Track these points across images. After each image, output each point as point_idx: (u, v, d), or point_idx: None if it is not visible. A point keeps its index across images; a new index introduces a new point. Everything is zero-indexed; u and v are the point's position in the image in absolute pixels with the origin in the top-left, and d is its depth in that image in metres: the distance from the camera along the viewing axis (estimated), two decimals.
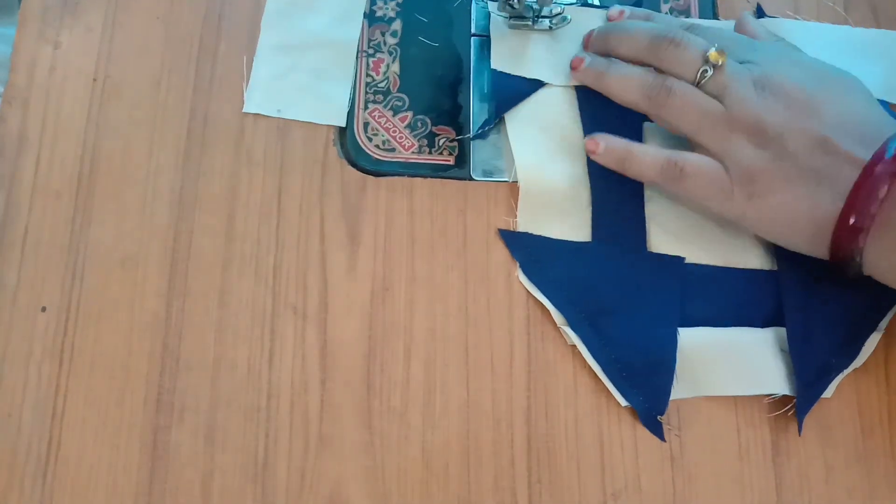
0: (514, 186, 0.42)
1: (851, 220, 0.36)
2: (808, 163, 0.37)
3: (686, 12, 0.46)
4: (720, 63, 0.39)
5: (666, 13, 0.46)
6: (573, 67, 0.43)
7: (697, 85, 0.39)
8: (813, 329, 0.39)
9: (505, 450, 0.38)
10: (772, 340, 0.40)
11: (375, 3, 0.45)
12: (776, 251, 0.40)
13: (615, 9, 0.44)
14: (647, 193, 0.42)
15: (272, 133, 0.42)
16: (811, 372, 0.39)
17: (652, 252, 0.41)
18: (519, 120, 0.42)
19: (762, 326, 0.40)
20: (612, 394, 0.39)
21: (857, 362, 0.40)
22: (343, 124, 0.42)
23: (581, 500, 0.37)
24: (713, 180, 0.39)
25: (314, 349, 0.38)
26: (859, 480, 0.38)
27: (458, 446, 0.38)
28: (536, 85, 0.43)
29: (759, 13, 0.46)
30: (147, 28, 0.43)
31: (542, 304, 0.40)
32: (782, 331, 0.39)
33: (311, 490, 0.36)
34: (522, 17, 0.44)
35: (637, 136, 0.42)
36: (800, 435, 0.38)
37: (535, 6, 0.43)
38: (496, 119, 0.42)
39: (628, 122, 0.42)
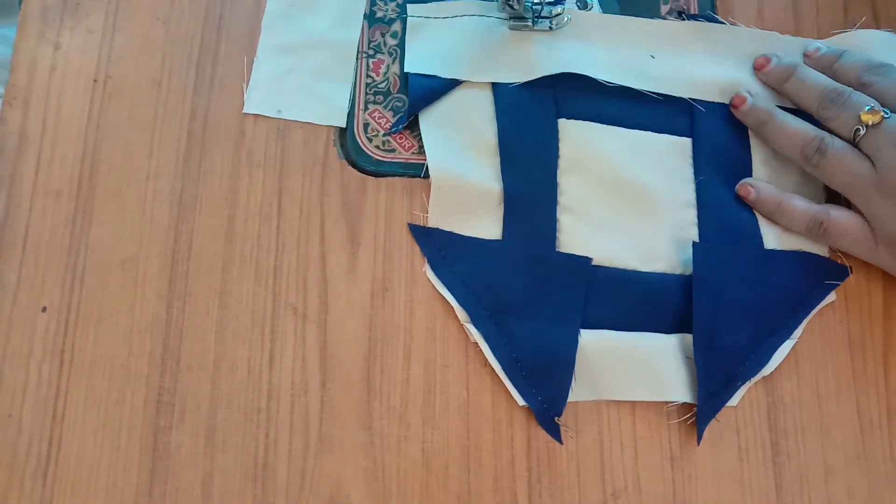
0: (428, 181, 0.41)
1: None
2: None
3: (685, 12, 0.46)
4: (873, 123, 0.39)
5: (665, 13, 0.46)
6: (734, 106, 0.43)
7: (854, 143, 0.39)
8: (721, 337, 0.39)
9: (505, 450, 0.38)
10: (677, 347, 0.39)
11: (375, 4, 0.45)
12: (694, 254, 0.40)
13: (812, 47, 0.44)
14: (561, 186, 0.41)
15: (272, 134, 0.42)
16: (716, 381, 0.39)
17: (560, 252, 0.40)
18: (433, 117, 0.42)
19: (669, 332, 0.40)
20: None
21: (766, 370, 0.39)
22: (343, 125, 0.42)
23: (581, 500, 0.37)
24: (856, 239, 0.40)
25: (314, 350, 0.39)
26: (859, 480, 0.39)
27: (458, 446, 0.38)
28: (452, 84, 0.43)
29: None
30: (147, 29, 0.43)
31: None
32: (689, 337, 0.39)
33: (311, 491, 0.37)
34: (522, 18, 0.44)
35: (552, 135, 0.42)
36: (698, 444, 0.38)
37: (535, 7, 0.43)
38: (409, 118, 0.42)
39: (543, 123, 0.42)
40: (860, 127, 0.39)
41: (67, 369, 0.37)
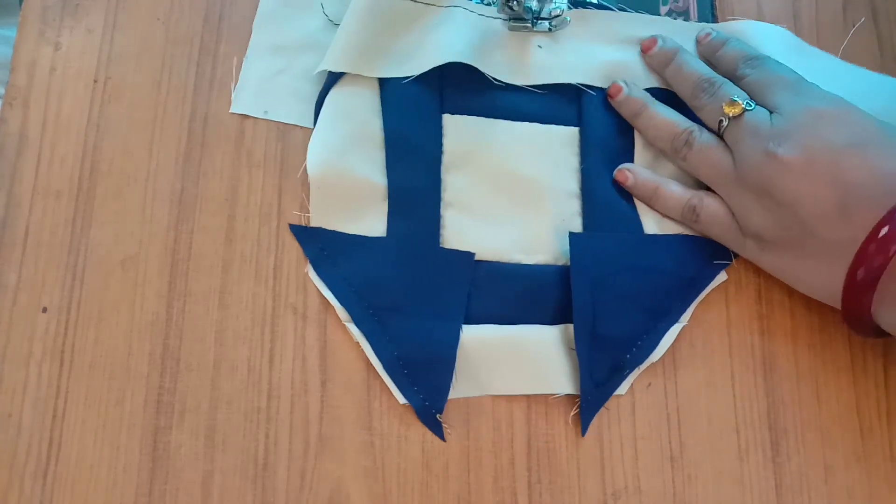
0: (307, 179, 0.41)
1: (860, 274, 0.35)
2: (822, 231, 0.36)
3: (685, 13, 0.46)
4: (734, 115, 0.39)
5: (665, 14, 0.46)
6: (610, 95, 0.43)
7: (720, 134, 0.40)
8: (603, 325, 0.38)
9: (505, 450, 0.38)
10: (559, 338, 0.39)
11: None
12: (571, 243, 0.39)
13: (702, 32, 0.44)
14: (445, 181, 0.41)
15: (272, 134, 0.42)
16: (602, 370, 0.38)
17: (443, 248, 0.40)
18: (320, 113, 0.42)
19: (552, 324, 0.39)
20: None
21: (655, 356, 0.39)
22: None
23: (581, 500, 0.37)
24: (726, 229, 0.40)
25: (314, 350, 0.39)
26: (859, 480, 0.39)
27: (458, 446, 0.38)
28: (335, 77, 0.42)
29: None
30: (147, 29, 0.43)
31: None
32: (572, 328, 0.38)
33: (311, 491, 0.37)
34: (521, 20, 0.44)
35: (436, 130, 0.42)
36: (583, 436, 0.38)
37: (535, 8, 0.43)
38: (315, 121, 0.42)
39: (427, 118, 0.42)
40: (723, 118, 0.39)
41: (67, 369, 0.37)
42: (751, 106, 0.39)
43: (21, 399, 0.37)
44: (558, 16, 0.44)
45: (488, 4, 0.44)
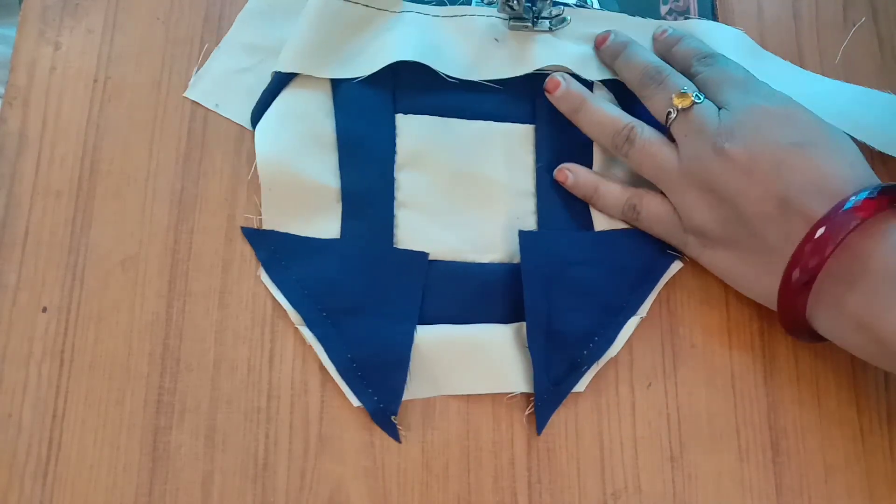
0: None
1: (795, 275, 0.34)
2: (762, 230, 0.36)
3: (685, 13, 0.46)
4: (682, 107, 0.38)
5: (665, 14, 0.46)
6: (548, 90, 0.42)
7: (667, 126, 0.39)
8: (558, 323, 0.38)
9: (505, 450, 0.38)
10: (514, 337, 0.39)
11: None
12: (521, 242, 0.39)
13: (659, 29, 0.44)
14: (398, 181, 0.41)
15: None
16: (559, 368, 0.38)
17: (397, 248, 0.40)
18: (265, 114, 0.41)
19: (507, 322, 0.39)
20: (612, 393, 0.39)
21: (613, 351, 0.39)
22: None
23: (581, 500, 0.37)
24: (668, 226, 0.40)
25: (314, 349, 0.38)
26: (859, 480, 0.39)
27: (458, 446, 0.38)
28: (283, 79, 0.41)
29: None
30: (147, 29, 0.43)
31: None
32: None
33: (311, 491, 0.37)
34: (522, 19, 0.44)
35: (388, 130, 0.41)
36: (539, 434, 0.38)
37: (535, 8, 0.43)
38: (253, 125, 0.41)
39: (380, 118, 0.41)
40: (672, 110, 0.39)
41: (67, 369, 0.37)
42: (700, 99, 0.38)
43: (21, 399, 0.37)
44: (558, 15, 0.44)
45: (489, 4, 0.44)
